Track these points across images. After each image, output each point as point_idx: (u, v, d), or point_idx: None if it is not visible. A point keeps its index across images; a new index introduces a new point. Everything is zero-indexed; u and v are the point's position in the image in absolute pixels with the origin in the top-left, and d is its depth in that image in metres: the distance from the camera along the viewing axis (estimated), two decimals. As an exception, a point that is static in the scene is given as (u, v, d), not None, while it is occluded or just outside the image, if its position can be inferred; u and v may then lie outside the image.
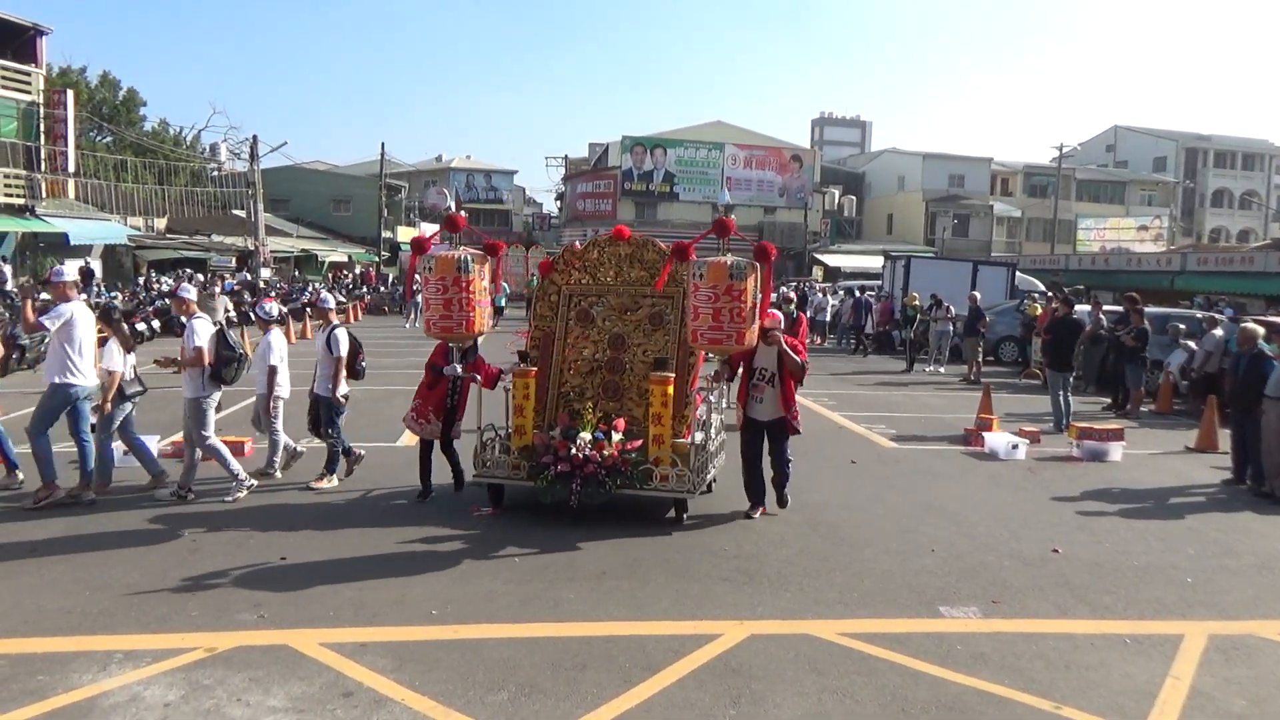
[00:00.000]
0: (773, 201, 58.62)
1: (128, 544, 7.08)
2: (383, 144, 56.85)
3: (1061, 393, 13.13)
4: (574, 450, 7.54)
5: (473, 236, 8.94)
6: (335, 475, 9.11)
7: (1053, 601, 6.31)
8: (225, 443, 10.32)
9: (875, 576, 6.71)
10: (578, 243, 9.08)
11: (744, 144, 58.26)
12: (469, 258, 7.48)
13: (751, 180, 58.35)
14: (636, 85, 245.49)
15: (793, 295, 13.70)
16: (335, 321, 9.23)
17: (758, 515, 8.13)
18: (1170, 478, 10.32)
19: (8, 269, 28.46)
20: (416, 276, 8.00)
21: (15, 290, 23.38)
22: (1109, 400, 15.55)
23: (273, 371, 9.04)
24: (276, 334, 9.30)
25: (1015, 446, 11.07)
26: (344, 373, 9.05)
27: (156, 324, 23.64)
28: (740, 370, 8.47)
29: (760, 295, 7.39)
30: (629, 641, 5.43)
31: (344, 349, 8.98)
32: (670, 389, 7.73)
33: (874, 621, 5.86)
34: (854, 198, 63.94)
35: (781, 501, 8.39)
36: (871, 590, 6.44)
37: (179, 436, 10.92)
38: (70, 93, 33.50)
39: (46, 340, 12.87)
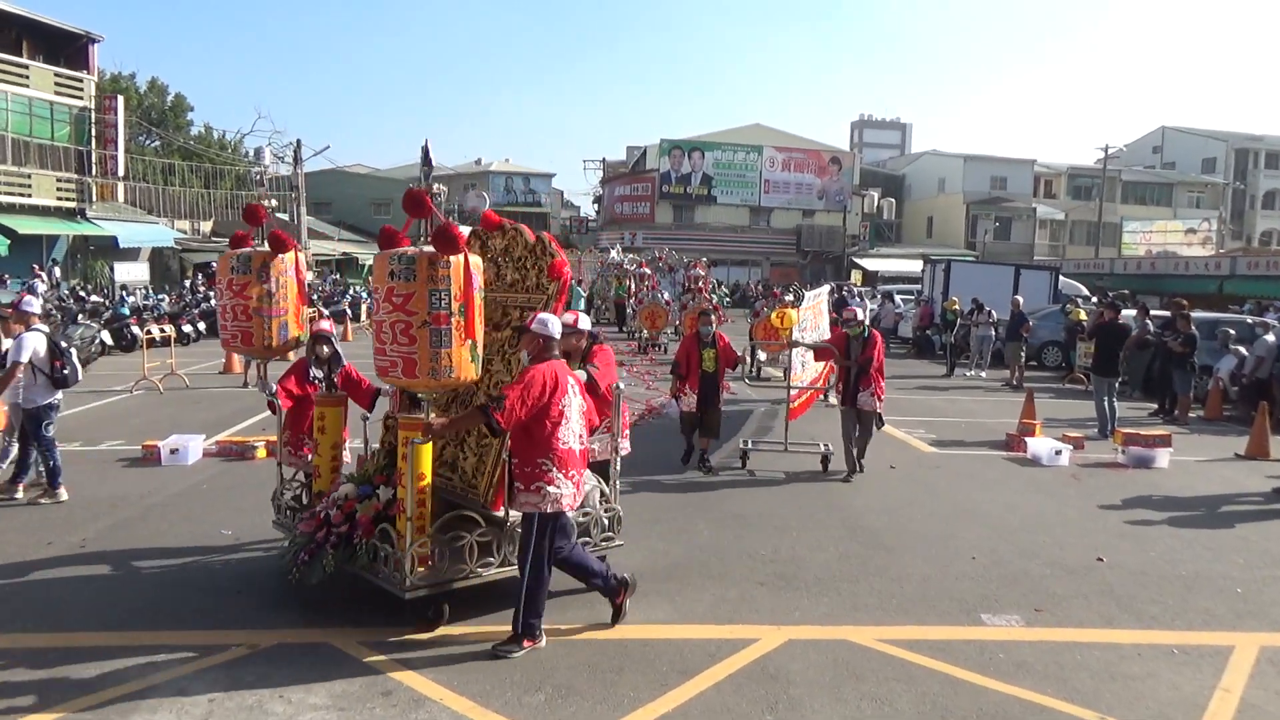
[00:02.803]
0: (811, 204, 58.36)
1: (173, 541, 7.21)
2: (423, 147, 57.37)
3: (1106, 398, 12.91)
4: (319, 509, 5.93)
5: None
6: (59, 489, 8.27)
7: (1097, 610, 6.20)
8: (271, 442, 10.50)
9: (915, 583, 6.64)
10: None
11: (782, 146, 58.07)
12: (247, 256, 6.12)
13: (790, 183, 58.15)
14: (674, 88, 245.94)
15: (859, 311, 10.82)
16: (36, 326, 8.19)
17: (520, 654, 5.22)
18: (1219, 485, 10.09)
19: (58, 271, 29.19)
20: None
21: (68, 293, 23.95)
22: (1155, 406, 15.23)
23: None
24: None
25: (1058, 452, 10.89)
26: (15, 380, 7.88)
27: (202, 326, 24.06)
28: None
29: (462, 304, 4.97)
30: (666, 645, 5.42)
31: (21, 355, 7.88)
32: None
33: (914, 628, 5.79)
34: (893, 200, 63.37)
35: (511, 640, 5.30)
36: (911, 596, 6.37)
37: (223, 436, 11.14)
38: (120, 98, 34.32)
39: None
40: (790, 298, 20.58)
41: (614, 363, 6.75)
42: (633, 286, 29.39)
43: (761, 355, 18.01)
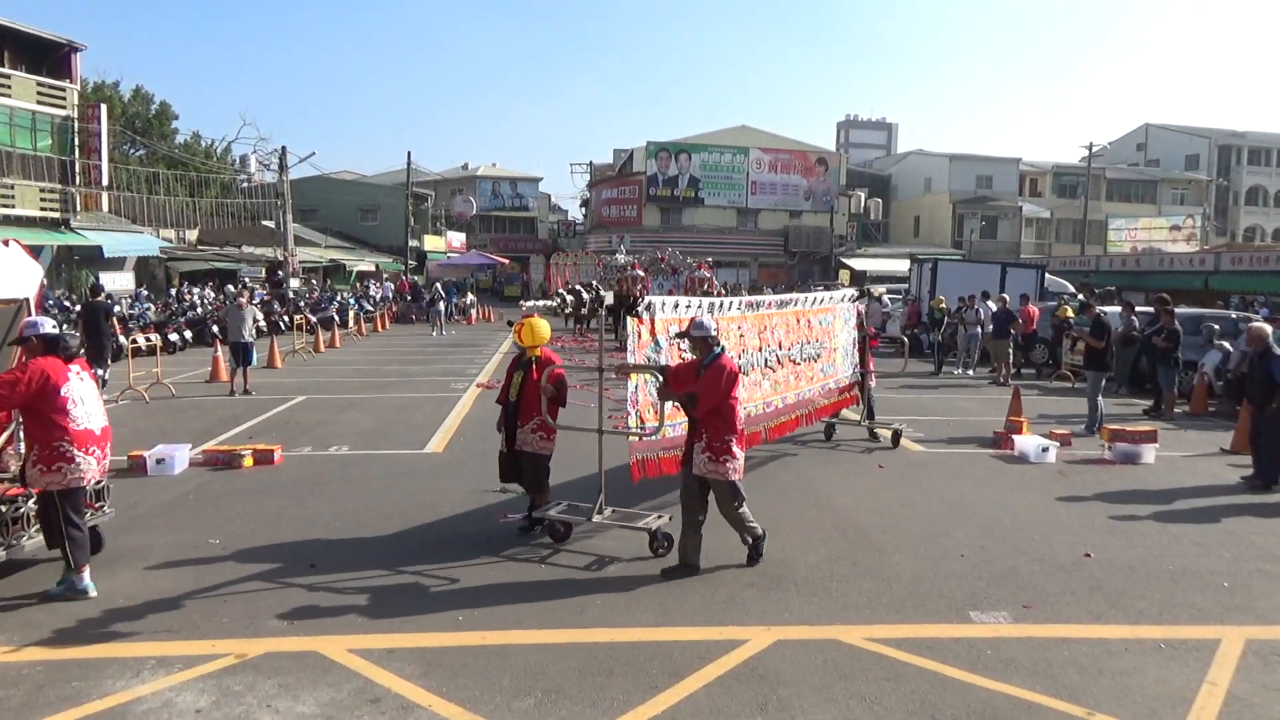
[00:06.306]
0: (798, 205, 58.49)
1: (160, 552, 7.16)
2: (409, 153, 57.49)
3: (1095, 393, 12.99)
4: None
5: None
6: None
7: (1085, 606, 6.23)
8: (258, 450, 10.49)
9: (904, 581, 6.66)
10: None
11: (769, 148, 58.21)
12: None
13: (776, 184, 58.27)
14: (661, 92, 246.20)
15: (707, 320, 6.95)
16: None
17: None
18: (1206, 480, 10.16)
19: (44, 281, 28.99)
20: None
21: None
22: (1151, 403, 15.16)
23: None
24: None
25: (1045, 449, 10.94)
26: None
27: (189, 334, 23.95)
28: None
29: None
30: (655, 648, 5.42)
31: None
32: None
33: (902, 627, 5.81)
34: (880, 200, 63.63)
35: None
36: (900, 595, 6.38)
37: (209, 445, 11.09)
38: (104, 107, 34.15)
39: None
40: (546, 301, 11.60)
41: (18, 380, 5.86)
42: (627, 290, 29.24)
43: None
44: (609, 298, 7.80)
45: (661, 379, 6.96)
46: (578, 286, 7.85)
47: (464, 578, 6.63)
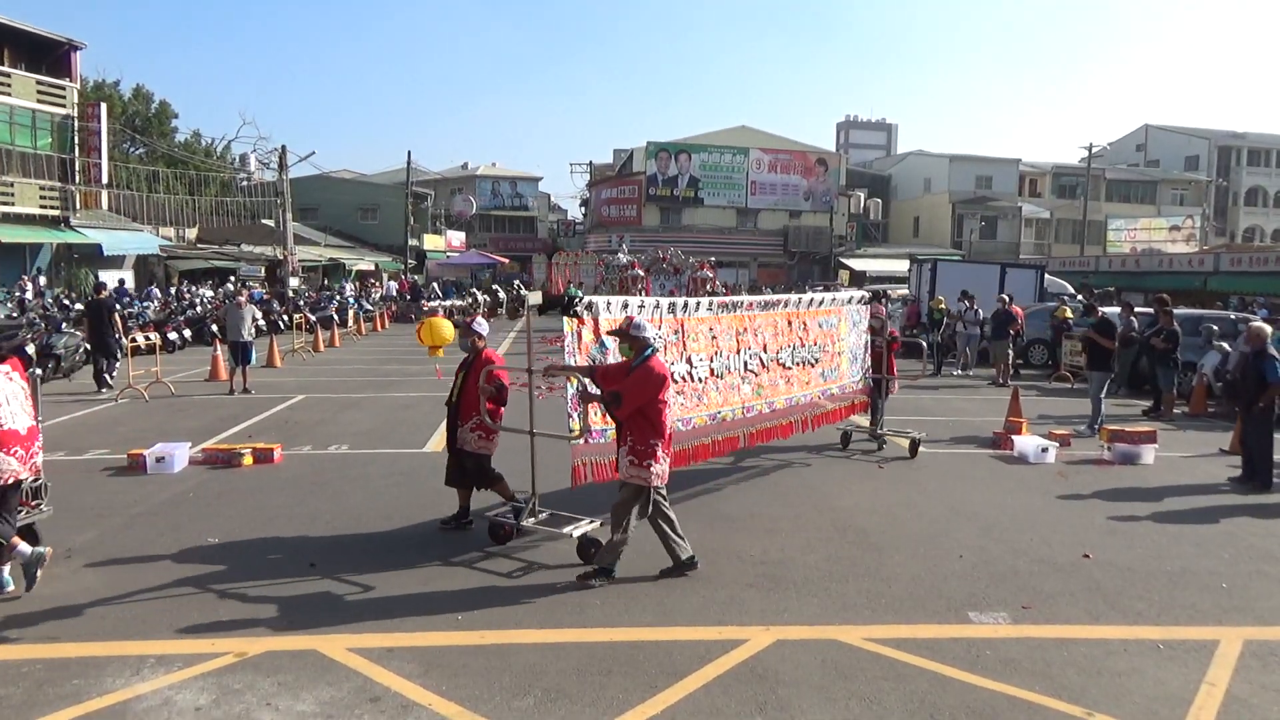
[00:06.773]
0: (798, 205, 58.49)
1: (159, 550, 7.16)
2: (409, 152, 57.41)
3: (1099, 393, 13.02)
4: None
5: None
6: None
7: (1084, 607, 6.23)
8: (258, 449, 10.50)
9: (903, 582, 6.66)
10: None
11: (769, 148, 58.22)
12: None
13: (776, 184, 58.29)
14: (661, 92, 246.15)
15: (642, 319, 6.89)
16: None
17: None
18: (1205, 481, 10.16)
19: (43, 280, 28.98)
20: None
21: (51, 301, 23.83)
22: (1150, 404, 15.21)
23: None
24: None
25: (1045, 450, 10.94)
26: None
27: (188, 333, 23.95)
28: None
29: None
30: (654, 647, 5.42)
31: None
32: None
33: (902, 627, 5.81)
34: (880, 201, 63.64)
35: None
36: (899, 595, 6.39)
37: (209, 444, 11.08)
38: (104, 106, 34.13)
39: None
40: (455, 301, 10.39)
41: None
42: (625, 289, 29.17)
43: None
44: (532, 297, 7.65)
45: (590, 379, 6.76)
46: (495, 285, 7.80)
47: (464, 577, 6.64)
